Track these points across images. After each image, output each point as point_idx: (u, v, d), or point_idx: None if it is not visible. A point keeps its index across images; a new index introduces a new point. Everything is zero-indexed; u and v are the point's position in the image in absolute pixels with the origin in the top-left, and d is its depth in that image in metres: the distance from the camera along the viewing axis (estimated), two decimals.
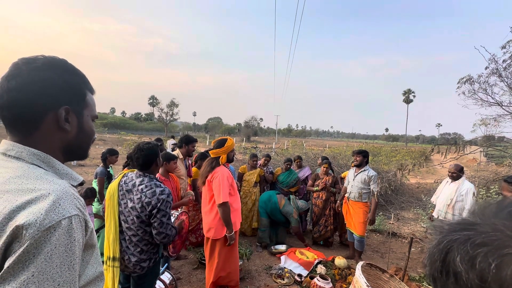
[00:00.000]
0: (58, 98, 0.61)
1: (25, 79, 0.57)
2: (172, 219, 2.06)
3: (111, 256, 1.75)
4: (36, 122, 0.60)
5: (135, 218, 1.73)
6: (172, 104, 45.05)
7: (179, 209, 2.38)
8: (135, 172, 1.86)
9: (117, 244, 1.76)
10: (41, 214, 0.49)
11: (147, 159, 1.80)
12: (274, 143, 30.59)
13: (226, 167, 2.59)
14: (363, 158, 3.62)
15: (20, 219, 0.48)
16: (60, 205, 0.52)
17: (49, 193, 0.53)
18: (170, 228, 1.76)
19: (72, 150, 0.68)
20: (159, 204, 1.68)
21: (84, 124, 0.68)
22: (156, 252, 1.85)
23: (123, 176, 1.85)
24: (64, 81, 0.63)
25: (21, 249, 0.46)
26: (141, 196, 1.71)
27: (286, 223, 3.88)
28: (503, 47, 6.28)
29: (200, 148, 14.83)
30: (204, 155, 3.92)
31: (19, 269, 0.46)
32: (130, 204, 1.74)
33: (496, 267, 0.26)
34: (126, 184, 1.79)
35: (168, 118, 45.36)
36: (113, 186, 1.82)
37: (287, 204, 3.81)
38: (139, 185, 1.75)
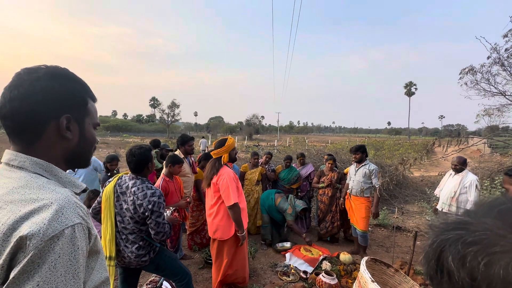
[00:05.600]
0: (60, 107, 0.62)
1: (27, 89, 0.58)
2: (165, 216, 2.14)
3: (108, 255, 1.84)
4: (38, 131, 0.61)
5: (129, 219, 1.82)
6: (173, 105, 45.15)
7: (171, 208, 2.44)
8: (128, 174, 1.94)
9: (113, 244, 1.85)
10: (44, 224, 0.50)
11: (139, 164, 1.88)
12: (276, 140, 30.59)
13: (230, 167, 2.58)
14: (362, 154, 3.65)
15: (23, 229, 0.48)
16: (62, 214, 0.53)
17: (51, 203, 0.54)
18: (166, 226, 1.86)
19: (74, 158, 0.69)
20: (150, 206, 1.76)
21: (86, 132, 0.69)
22: (152, 245, 1.93)
23: (118, 179, 1.93)
24: (65, 90, 0.63)
25: (25, 259, 0.47)
26: (133, 198, 1.79)
27: (284, 221, 3.91)
28: (505, 36, 6.20)
29: (208, 149, 14.88)
30: (208, 156, 3.93)
31: (24, 279, 0.47)
32: (124, 206, 1.84)
33: (485, 265, 0.26)
34: (120, 187, 1.88)
35: (169, 119, 45.48)
36: (108, 188, 1.90)
37: (283, 201, 3.86)
38: (131, 187, 1.84)
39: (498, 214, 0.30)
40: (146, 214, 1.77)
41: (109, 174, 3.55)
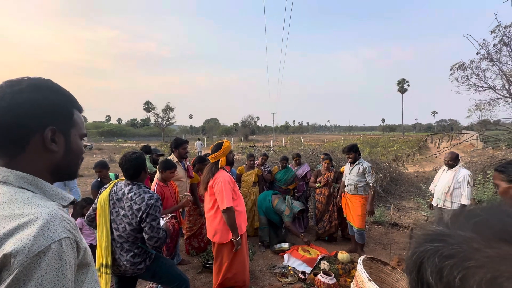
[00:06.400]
0: (44, 119, 0.61)
1: (9, 102, 0.57)
2: (162, 223, 2.12)
3: (104, 263, 1.81)
4: (22, 144, 0.59)
5: (126, 225, 1.79)
6: (168, 108, 44.96)
7: (169, 214, 2.41)
8: (123, 181, 1.91)
9: (109, 252, 1.82)
10: (29, 240, 0.49)
11: (136, 169, 1.86)
12: (272, 141, 30.63)
13: (227, 171, 2.58)
14: (355, 153, 3.68)
15: (8, 246, 0.47)
16: (49, 229, 0.52)
17: (37, 218, 0.52)
18: (161, 231, 1.82)
19: (61, 171, 0.67)
20: (148, 209, 1.74)
21: (72, 143, 0.68)
22: (148, 253, 1.90)
23: (113, 186, 1.90)
24: (49, 101, 0.62)
25: (10, 278, 0.46)
26: (131, 203, 1.77)
27: (282, 222, 3.91)
28: (493, 32, 6.31)
29: (203, 150, 14.84)
30: (202, 159, 3.92)
31: None
32: (122, 212, 1.81)
33: (460, 280, 0.26)
34: (116, 194, 1.85)
35: (164, 123, 45.24)
36: (104, 196, 1.87)
37: (280, 202, 3.86)
38: (128, 193, 1.81)
39: (474, 227, 0.30)
40: (143, 217, 1.74)
41: (99, 180, 3.49)
